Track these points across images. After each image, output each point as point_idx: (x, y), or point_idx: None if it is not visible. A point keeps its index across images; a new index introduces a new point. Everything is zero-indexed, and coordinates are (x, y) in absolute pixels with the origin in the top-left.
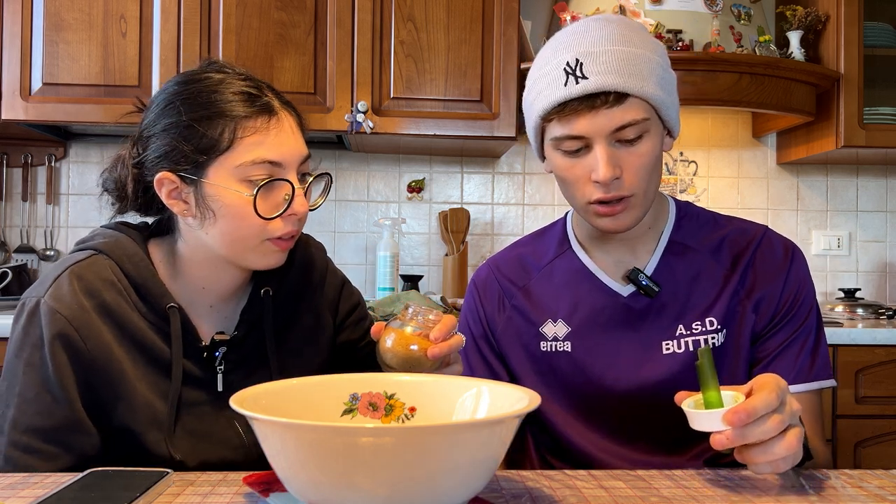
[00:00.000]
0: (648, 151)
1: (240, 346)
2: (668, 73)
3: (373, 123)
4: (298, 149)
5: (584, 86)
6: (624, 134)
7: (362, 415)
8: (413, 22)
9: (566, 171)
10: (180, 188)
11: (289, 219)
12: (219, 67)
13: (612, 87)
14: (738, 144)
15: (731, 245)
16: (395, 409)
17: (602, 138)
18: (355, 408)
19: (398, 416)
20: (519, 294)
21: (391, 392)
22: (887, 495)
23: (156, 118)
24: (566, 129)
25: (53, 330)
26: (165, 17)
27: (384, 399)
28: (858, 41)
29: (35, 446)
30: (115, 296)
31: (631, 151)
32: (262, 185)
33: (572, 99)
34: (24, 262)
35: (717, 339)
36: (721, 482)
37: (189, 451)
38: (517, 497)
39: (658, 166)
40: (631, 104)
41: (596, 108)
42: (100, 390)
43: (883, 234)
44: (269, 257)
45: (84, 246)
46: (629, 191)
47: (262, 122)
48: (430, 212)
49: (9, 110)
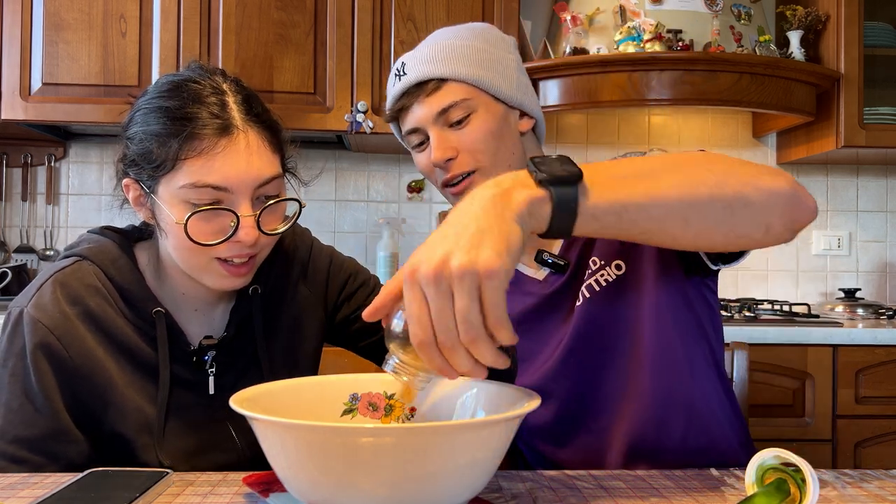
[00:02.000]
0: (479, 128)
1: (229, 347)
2: (494, 52)
3: (373, 123)
4: (253, 172)
5: (404, 81)
6: (450, 116)
7: (362, 415)
8: (413, 22)
9: (421, 165)
10: (142, 196)
11: (235, 245)
12: (196, 77)
13: (426, 76)
14: (739, 144)
15: None
16: (395, 409)
17: (431, 124)
18: (355, 408)
19: (398, 416)
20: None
21: (391, 392)
22: (887, 495)
23: (128, 122)
24: (405, 124)
25: (35, 339)
26: (165, 17)
27: (384, 399)
28: (858, 41)
29: (21, 456)
30: (99, 301)
31: (462, 131)
32: (197, 212)
33: (400, 95)
34: (24, 262)
35: (608, 274)
36: (721, 482)
37: (180, 455)
38: (517, 497)
39: (504, 143)
40: (450, 87)
41: (419, 99)
42: (87, 398)
43: (883, 234)
44: (223, 280)
45: (70, 253)
46: (469, 166)
47: (209, 144)
48: (430, 212)
49: (9, 110)
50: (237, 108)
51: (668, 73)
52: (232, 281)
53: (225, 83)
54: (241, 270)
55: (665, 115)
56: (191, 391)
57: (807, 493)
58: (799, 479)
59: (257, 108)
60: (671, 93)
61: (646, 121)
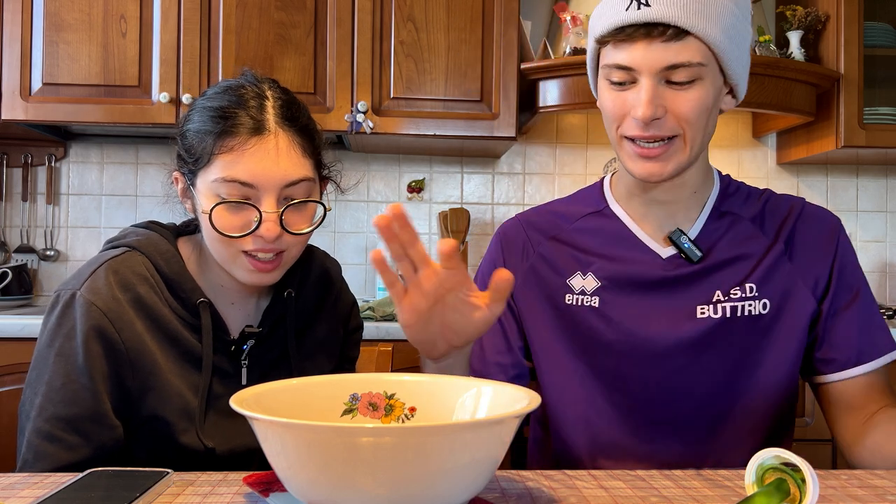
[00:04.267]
0: (698, 98)
1: (263, 342)
2: (741, 23)
3: (373, 123)
4: (281, 172)
5: (645, 13)
6: (675, 74)
7: (362, 415)
8: (413, 22)
9: (609, 102)
10: (186, 188)
11: (257, 239)
12: (243, 82)
13: (672, 20)
14: (739, 144)
15: (772, 214)
16: (395, 409)
17: (650, 74)
18: (355, 408)
19: (398, 416)
20: (547, 243)
21: (391, 392)
22: (887, 495)
23: (184, 120)
24: (617, 56)
25: (89, 322)
26: (165, 17)
27: (384, 399)
28: (858, 41)
29: (56, 434)
30: (147, 290)
31: (679, 94)
32: (221, 204)
33: (629, 25)
34: (24, 262)
35: (754, 307)
36: (721, 482)
37: (219, 440)
38: (517, 497)
39: (709, 120)
40: (689, 43)
41: (651, 39)
42: (131, 382)
43: (883, 234)
44: (250, 275)
45: (118, 243)
46: (672, 132)
47: (240, 141)
48: (430, 212)
49: (9, 110)
50: (274, 111)
51: None
52: (259, 276)
53: (269, 90)
54: (268, 267)
55: None
56: (225, 381)
57: (807, 493)
58: (799, 479)
59: (296, 113)
60: None
61: None
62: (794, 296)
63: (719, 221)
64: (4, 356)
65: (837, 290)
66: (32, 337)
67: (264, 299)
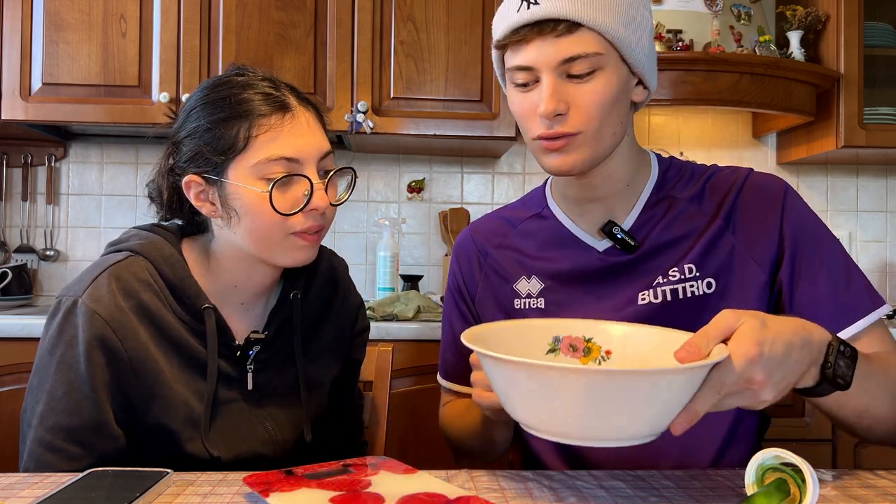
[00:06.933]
0: (600, 90)
1: (268, 346)
2: (637, 11)
3: (373, 123)
4: (316, 144)
5: (534, 11)
6: (574, 67)
7: (564, 354)
8: (413, 22)
9: (517, 105)
10: (206, 190)
11: (310, 214)
12: (241, 71)
13: (562, 15)
14: (739, 144)
15: (713, 190)
16: (593, 351)
17: (549, 70)
18: (557, 348)
19: (595, 357)
20: (493, 252)
21: (588, 336)
22: (887, 495)
23: (182, 124)
24: (516, 58)
25: (91, 331)
26: (165, 17)
27: (583, 342)
28: (858, 41)
29: (58, 444)
30: (151, 296)
31: (580, 87)
32: (277, 182)
33: (522, 25)
34: (24, 262)
35: (696, 286)
36: (721, 482)
37: (224, 447)
38: (517, 497)
39: (616, 110)
40: (582, 35)
41: (544, 36)
42: (134, 392)
43: (883, 234)
44: (296, 253)
45: (120, 247)
46: (574, 128)
47: (276, 120)
48: (430, 212)
49: (9, 110)
50: (288, 90)
51: (667, 73)
52: (307, 252)
53: (262, 74)
54: (316, 239)
55: (665, 116)
56: (231, 386)
57: (807, 493)
58: (799, 479)
59: (301, 93)
60: (671, 93)
61: (646, 121)
62: (739, 270)
63: (655, 208)
64: (4, 356)
65: (795, 256)
66: (32, 337)
67: (271, 302)
